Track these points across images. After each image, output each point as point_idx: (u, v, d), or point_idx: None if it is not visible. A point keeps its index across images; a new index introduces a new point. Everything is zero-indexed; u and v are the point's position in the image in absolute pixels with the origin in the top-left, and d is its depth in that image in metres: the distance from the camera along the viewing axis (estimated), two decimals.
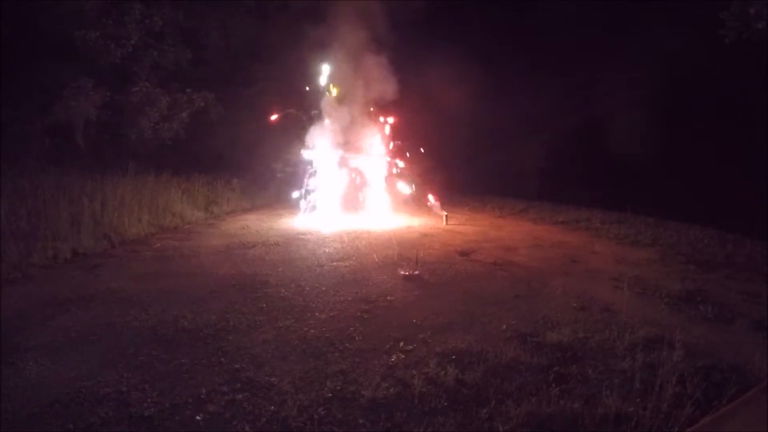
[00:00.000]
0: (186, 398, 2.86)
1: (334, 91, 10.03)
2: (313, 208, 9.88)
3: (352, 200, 10.27)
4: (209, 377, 3.11)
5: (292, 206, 10.35)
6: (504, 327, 4.04)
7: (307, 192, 9.94)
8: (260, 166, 12.16)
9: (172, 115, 11.12)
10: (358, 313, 4.31)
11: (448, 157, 13.41)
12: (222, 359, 3.36)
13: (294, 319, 4.12)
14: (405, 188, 10.42)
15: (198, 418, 2.68)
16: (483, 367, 3.25)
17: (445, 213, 9.64)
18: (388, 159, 10.39)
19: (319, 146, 10.02)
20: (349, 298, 4.72)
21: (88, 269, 5.60)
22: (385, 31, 9.90)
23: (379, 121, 10.37)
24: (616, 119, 12.17)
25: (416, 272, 5.54)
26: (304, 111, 10.62)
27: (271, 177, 11.99)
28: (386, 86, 9.90)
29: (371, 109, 10.07)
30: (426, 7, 11.66)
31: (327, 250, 6.77)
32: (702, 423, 1.38)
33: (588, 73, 13.16)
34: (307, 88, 10.46)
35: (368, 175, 10.23)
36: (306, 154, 10.12)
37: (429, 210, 10.37)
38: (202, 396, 2.89)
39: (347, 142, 10.17)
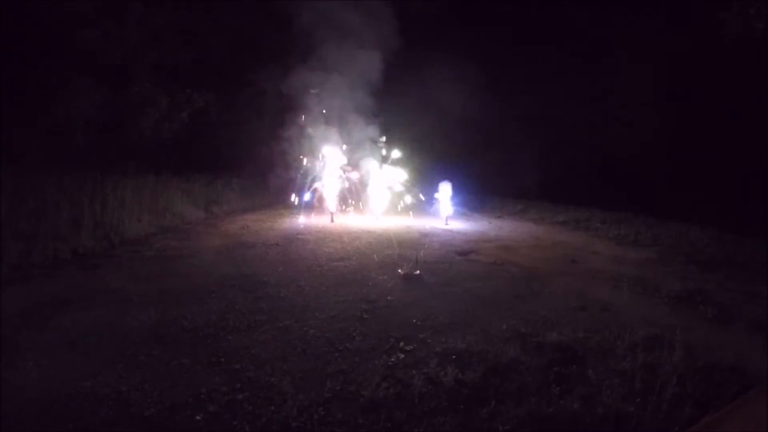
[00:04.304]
0: (186, 398, 2.85)
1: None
2: (313, 208, 9.88)
3: (353, 201, 10.27)
4: (209, 377, 3.11)
5: (292, 206, 10.35)
6: (504, 327, 4.04)
7: (308, 192, 9.94)
8: (260, 166, 12.15)
9: (172, 115, 11.12)
10: (358, 313, 4.31)
11: (449, 157, 13.40)
12: (222, 359, 3.36)
13: (294, 319, 4.12)
14: (403, 189, 10.41)
15: (198, 418, 2.68)
16: (483, 367, 3.25)
17: (445, 213, 9.64)
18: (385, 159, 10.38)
19: (320, 147, 10.02)
20: (349, 298, 4.72)
21: (88, 269, 5.60)
22: (387, 32, 9.90)
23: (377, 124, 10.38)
24: (616, 119, 12.18)
25: (416, 272, 5.54)
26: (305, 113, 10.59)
27: (271, 177, 11.99)
28: (386, 88, 9.90)
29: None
30: (430, 7, 11.66)
31: (327, 250, 6.77)
32: (702, 423, 1.38)
33: (588, 74, 13.16)
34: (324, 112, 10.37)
35: (368, 175, 10.23)
36: (307, 155, 10.12)
37: (429, 210, 10.37)
38: (202, 396, 2.89)
39: (348, 144, 10.17)
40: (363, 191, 10.26)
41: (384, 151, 10.34)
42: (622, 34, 12.46)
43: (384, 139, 10.41)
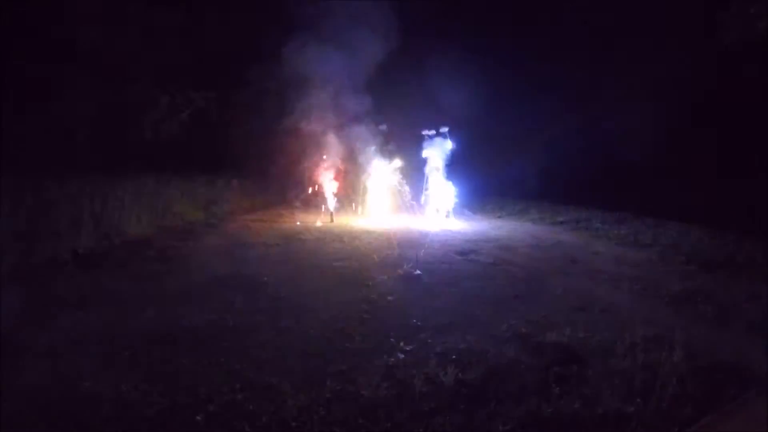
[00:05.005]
0: (186, 398, 2.85)
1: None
2: (313, 207, 9.88)
3: (353, 201, 10.28)
4: (209, 377, 3.11)
5: (291, 206, 10.35)
6: (504, 327, 4.04)
7: (308, 192, 9.95)
8: (260, 165, 12.14)
9: (172, 115, 11.12)
10: (359, 314, 4.31)
11: (449, 156, 13.37)
12: (222, 359, 3.36)
13: (294, 320, 4.12)
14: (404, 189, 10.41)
15: (198, 418, 2.68)
16: (483, 367, 3.25)
17: (446, 213, 9.64)
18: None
19: (320, 145, 10.02)
20: (349, 298, 4.72)
21: (88, 269, 5.60)
22: (388, 27, 9.87)
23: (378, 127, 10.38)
24: (616, 120, 12.17)
25: (416, 272, 5.54)
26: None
27: (271, 177, 11.96)
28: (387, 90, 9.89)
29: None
30: (432, 7, 11.65)
31: (327, 250, 6.77)
32: (702, 423, 1.38)
33: (588, 75, 13.16)
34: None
35: (367, 175, 10.23)
36: (307, 154, 10.12)
37: (429, 210, 10.36)
38: (202, 396, 2.88)
39: (347, 142, 10.17)
40: (362, 190, 10.27)
41: (384, 141, 10.31)
42: (622, 34, 12.46)
43: (385, 127, 10.38)
